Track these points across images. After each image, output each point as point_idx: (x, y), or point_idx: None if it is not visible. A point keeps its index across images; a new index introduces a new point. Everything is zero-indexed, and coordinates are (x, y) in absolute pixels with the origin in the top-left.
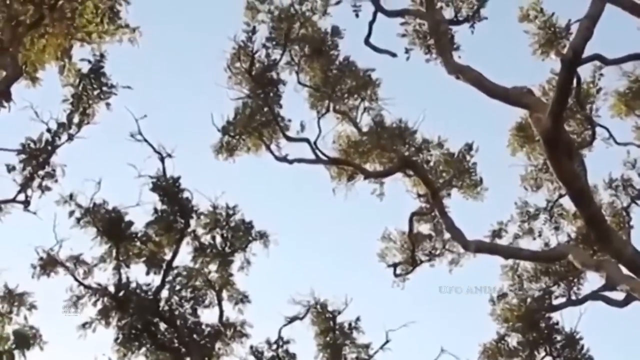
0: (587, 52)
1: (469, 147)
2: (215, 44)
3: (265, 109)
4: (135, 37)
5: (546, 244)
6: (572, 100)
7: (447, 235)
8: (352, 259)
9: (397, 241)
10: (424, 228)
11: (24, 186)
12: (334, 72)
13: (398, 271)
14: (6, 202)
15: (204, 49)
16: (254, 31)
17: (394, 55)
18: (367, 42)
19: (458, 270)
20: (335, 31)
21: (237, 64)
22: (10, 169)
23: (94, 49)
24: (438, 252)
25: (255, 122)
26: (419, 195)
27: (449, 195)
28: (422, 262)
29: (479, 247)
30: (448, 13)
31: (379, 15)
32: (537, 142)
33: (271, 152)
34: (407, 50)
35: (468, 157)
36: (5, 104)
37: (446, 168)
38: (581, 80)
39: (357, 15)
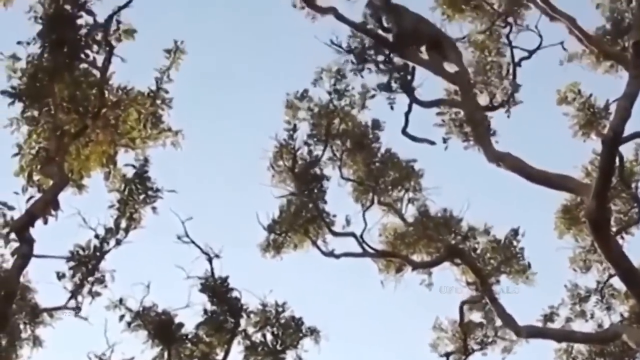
0: (628, 130)
1: (515, 233)
2: (257, 143)
3: (310, 206)
4: (178, 140)
5: (599, 325)
6: (616, 179)
7: (498, 322)
8: (404, 351)
9: (449, 330)
10: (475, 316)
11: (75, 293)
12: (377, 164)
13: None
14: (57, 309)
15: (246, 149)
16: (294, 129)
17: (432, 143)
18: (404, 132)
19: (511, 357)
20: (376, 124)
21: (280, 162)
22: (61, 276)
23: (138, 154)
24: (490, 339)
25: (301, 219)
26: (468, 283)
27: (498, 281)
28: (474, 351)
29: (531, 332)
30: (483, 99)
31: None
32: (583, 223)
33: (318, 248)
34: (444, 140)
35: (515, 243)
36: (54, 212)
37: (493, 255)
38: (624, 159)
39: (392, 108)
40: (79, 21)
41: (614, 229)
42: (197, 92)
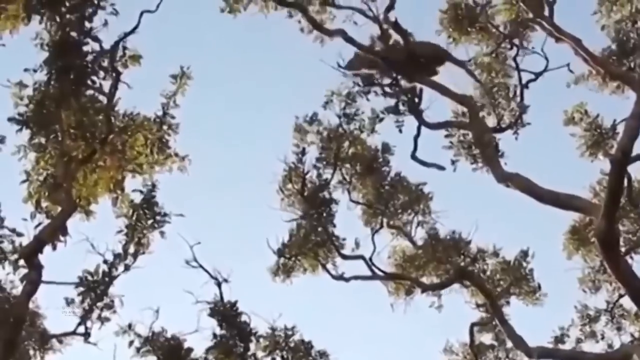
0: (636, 149)
1: (524, 254)
2: (266, 166)
3: (319, 229)
4: (185, 165)
5: (609, 346)
6: (624, 199)
7: (509, 344)
8: None
9: (459, 353)
10: (486, 338)
11: (84, 318)
12: (386, 188)
13: None
14: (66, 334)
15: (255, 172)
16: (304, 152)
17: (441, 168)
18: (413, 156)
19: None
20: (386, 148)
21: (289, 186)
22: (69, 302)
23: (145, 179)
24: None
25: (310, 242)
26: (478, 305)
27: (507, 303)
28: None
29: (542, 354)
30: (491, 121)
31: (424, 128)
32: (592, 244)
33: (327, 271)
34: (453, 162)
35: (524, 264)
36: (62, 238)
37: (503, 276)
38: (632, 179)
39: (400, 131)
40: (85, 48)
41: (623, 249)
42: (205, 115)
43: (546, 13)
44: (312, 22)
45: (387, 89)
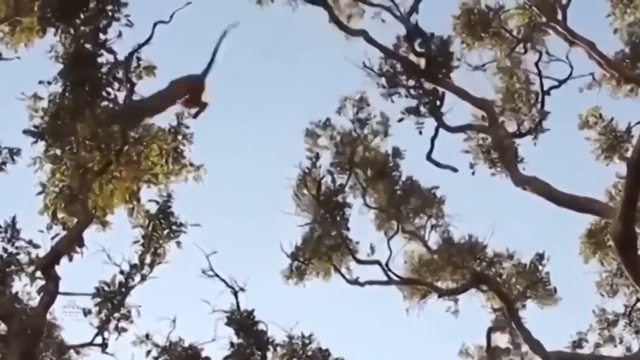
0: None
1: (540, 257)
2: (280, 171)
3: (333, 233)
4: (200, 175)
5: (628, 349)
6: None
7: (525, 348)
8: None
9: (475, 356)
10: (502, 342)
11: (101, 329)
12: (398, 192)
13: None
14: (84, 345)
15: (269, 178)
16: (317, 157)
17: (455, 170)
18: (429, 157)
19: None
20: (396, 152)
21: (304, 191)
22: (87, 312)
23: (160, 189)
24: None
25: (324, 246)
26: (494, 309)
27: (524, 306)
28: None
29: (560, 358)
30: (511, 127)
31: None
32: (609, 247)
33: (342, 275)
34: (471, 166)
35: (540, 267)
36: (79, 249)
37: (519, 280)
38: None
39: (420, 132)
40: (100, 59)
41: None
42: (219, 122)
43: (559, 17)
44: (335, 21)
45: (411, 91)
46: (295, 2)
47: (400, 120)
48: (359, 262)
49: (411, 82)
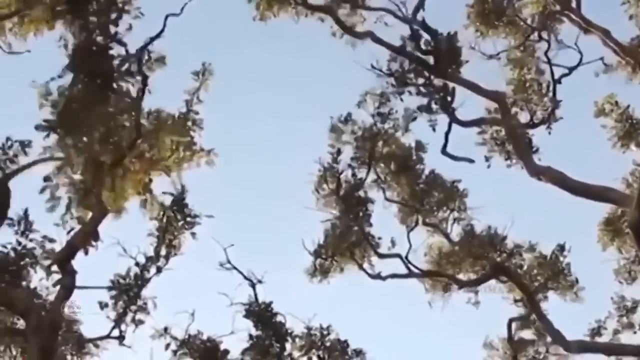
0: None
1: (561, 248)
2: (301, 167)
3: (355, 229)
4: (212, 159)
5: None
6: None
7: (548, 339)
8: None
9: (499, 348)
10: (525, 333)
11: (118, 321)
12: (421, 186)
13: None
14: (101, 338)
15: (290, 173)
16: (339, 152)
17: (471, 161)
18: (444, 151)
19: None
20: (419, 146)
21: (325, 186)
22: (103, 305)
23: (174, 181)
24: (541, 356)
25: (346, 242)
26: (516, 301)
27: (545, 297)
28: None
29: (582, 347)
30: (523, 117)
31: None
32: (627, 235)
33: (364, 271)
34: (487, 158)
35: (561, 258)
36: (94, 243)
37: (540, 271)
38: None
39: (433, 129)
40: (111, 52)
41: None
42: (241, 118)
43: (573, 4)
44: (342, 26)
45: (421, 89)
46: (297, 17)
47: (414, 119)
48: (381, 256)
49: (420, 80)
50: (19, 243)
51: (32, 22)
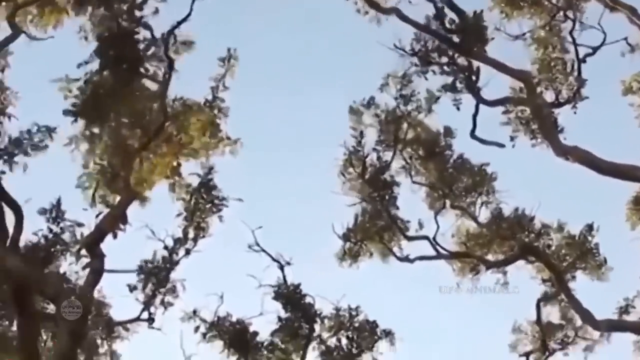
0: None
1: (589, 228)
2: (327, 150)
3: (383, 213)
4: (237, 148)
5: None
6: None
7: (578, 322)
8: (481, 351)
9: (528, 331)
10: (554, 314)
11: (147, 304)
12: (450, 171)
13: None
14: (131, 321)
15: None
16: (362, 135)
17: (501, 145)
18: (473, 135)
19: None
20: (448, 131)
21: (350, 170)
22: (132, 288)
23: (202, 163)
24: (571, 339)
25: (375, 226)
26: (544, 281)
27: (574, 278)
28: (555, 351)
29: (610, 326)
30: (549, 97)
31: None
32: None
33: (393, 254)
34: (512, 138)
35: (589, 238)
36: (122, 226)
37: (568, 251)
38: None
39: (458, 109)
40: (136, 36)
41: None
42: (264, 101)
43: None
44: (368, 2)
45: (445, 68)
46: None
47: (438, 98)
48: (409, 239)
49: (444, 59)
50: (50, 230)
51: (53, 12)
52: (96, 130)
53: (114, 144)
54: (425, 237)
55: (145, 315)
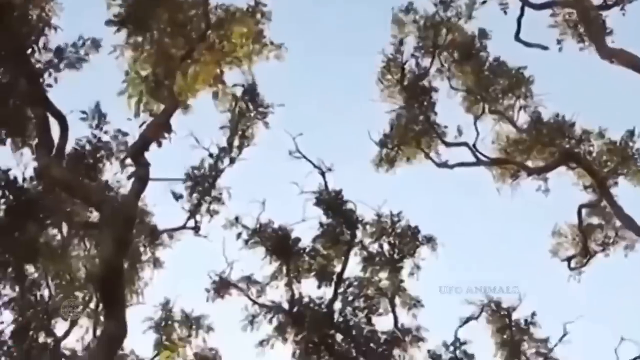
0: None
1: (631, 134)
2: (366, 58)
3: (421, 118)
4: (281, 53)
5: None
6: None
7: (618, 223)
8: (521, 257)
9: (568, 235)
10: (594, 219)
11: (193, 212)
12: (486, 73)
13: (572, 264)
14: (177, 229)
15: (355, 64)
16: (401, 42)
17: (545, 48)
18: (517, 37)
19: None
20: (482, 34)
21: (388, 77)
22: (178, 197)
23: (245, 72)
24: (611, 240)
25: (412, 132)
26: (585, 187)
27: (615, 184)
28: (596, 253)
29: None
30: None
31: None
32: None
33: (431, 159)
34: (559, 42)
35: (631, 144)
36: (167, 135)
37: (610, 157)
38: None
39: (505, 12)
40: None
41: None
42: (308, 10)
43: None
44: None
45: None
46: None
47: (484, 2)
48: (447, 144)
49: None
50: (94, 136)
51: None
52: (139, 39)
53: (157, 52)
54: (465, 144)
55: (191, 223)
